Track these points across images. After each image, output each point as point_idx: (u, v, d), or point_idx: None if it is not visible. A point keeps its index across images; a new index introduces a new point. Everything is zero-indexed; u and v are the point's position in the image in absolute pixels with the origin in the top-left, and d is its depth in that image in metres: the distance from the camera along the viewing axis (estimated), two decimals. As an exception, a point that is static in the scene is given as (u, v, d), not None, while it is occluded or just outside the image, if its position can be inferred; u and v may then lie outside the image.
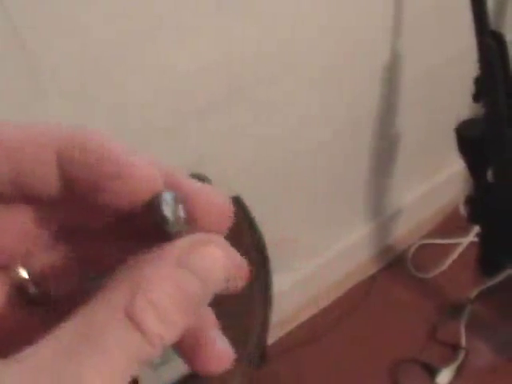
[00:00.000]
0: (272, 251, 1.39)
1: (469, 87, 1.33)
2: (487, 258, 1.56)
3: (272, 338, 1.62)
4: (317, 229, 1.69)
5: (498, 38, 1.28)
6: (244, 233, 1.32)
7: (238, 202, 1.28)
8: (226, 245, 0.27)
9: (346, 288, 1.81)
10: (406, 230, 1.90)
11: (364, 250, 1.84)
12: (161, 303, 0.24)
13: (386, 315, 1.73)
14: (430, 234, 1.91)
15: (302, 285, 1.72)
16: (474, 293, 1.71)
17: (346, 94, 1.51)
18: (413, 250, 1.88)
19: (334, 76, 1.45)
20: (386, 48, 1.52)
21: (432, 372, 1.58)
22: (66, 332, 0.23)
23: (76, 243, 0.29)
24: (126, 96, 1.16)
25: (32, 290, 0.28)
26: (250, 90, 1.32)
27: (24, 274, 0.28)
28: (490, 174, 1.41)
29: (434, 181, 1.89)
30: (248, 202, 1.31)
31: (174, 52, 1.18)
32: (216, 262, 0.26)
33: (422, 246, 1.89)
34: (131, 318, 0.24)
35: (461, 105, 1.54)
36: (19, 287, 0.28)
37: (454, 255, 1.83)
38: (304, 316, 1.75)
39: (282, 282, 1.61)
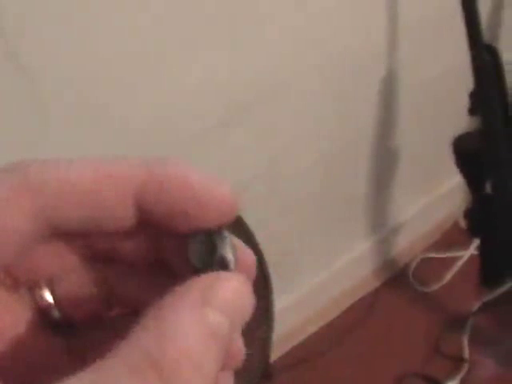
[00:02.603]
0: (273, 268, 1.40)
1: (465, 101, 1.34)
2: (488, 271, 1.56)
3: (275, 354, 1.61)
4: (317, 245, 1.69)
5: (492, 52, 1.29)
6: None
7: (238, 220, 1.29)
8: (246, 280, 0.25)
9: (348, 303, 1.81)
10: (407, 245, 1.90)
11: (365, 265, 1.84)
12: (194, 353, 0.22)
13: (389, 329, 1.73)
14: (430, 248, 1.91)
15: (303, 301, 1.72)
16: (476, 305, 1.71)
17: (343, 108, 1.51)
18: (414, 264, 1.88)
19: (330, 91, 1.46)
20: (382, 63, 1.53)
21: (436, 385, 1.59)
22: None
23: (104, 271, 0.29)
24: (128, 113, 1.17)
25: (55, 314, 0.28)
26: (251, 108, 1.33)
27: (49, 297, 0.28)
28: (488, 187, 1.41)
29: (434, 194, 1.90)
30: (248, 220, 1.32)
31: (177, 71, 1.19)
32: (238, 297, 0.25)
33: (424, 260, 1.89)
34: (161, 371, 0.21)
35: (457, 118, 1.54)
36: (43, 310, 0.27)
37: (456, 268, 1.83)
38: (307, 332, 1.75)
39: (283, 299, 1.61)
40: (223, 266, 0.26)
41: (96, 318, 0.29)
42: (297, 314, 1.71)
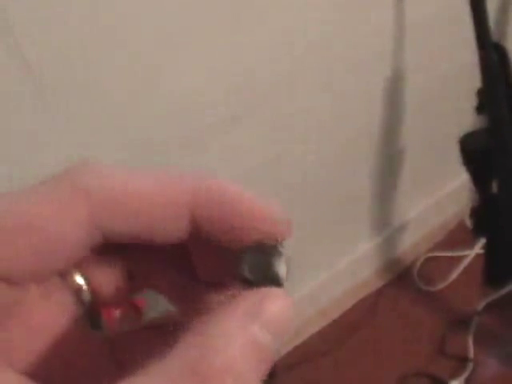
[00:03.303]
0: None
1: (472, 99, 1.34)
2: (493, 270, 1.56)
3: (279, 353, 1.61)
4: (322, 243, 1.69)
5: (500, 51, 1.29)
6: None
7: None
8: (289, 297, 0.26)
9: (353, 302, 1.81)
10: (412, 244, 1.90)
11: (370, 263, 1.84)
12: (237, 364, 0.23)
13: (394, 329, 1.73)
14: (436, 247, 1.91)
15: (308, 300, 1.72)
16: (481, 305, 1.71)
17: (348, 108, 1.51)
18: (419, 263, 1.88)
19: (335, 90, 1.46)
20: (387, 62, 1.52)
21: (440, 385, 1.59)
22: None
23: (131, 262, 0.29)
24: (134, 115, 1.16)
25: (87, 297, 0.28)
26: (254, 108, 1.33)
27: (80, 280, 0.28)
28: (494, 186, 1.41)
29: (439, 193, 1.89)
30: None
31: (183, 70, 1.18)
32: (285, 315, 0.25)
33: (429, 259, 1.88)
34: (204, 382, 0.22)
35: (463, 117, 1.54)
36: (74, 295, 0.28)
37: (461, 268, 1.83)
38: (311, 331, 1.75)
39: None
40: (275, 282, 0.26)
41: (133, 318, 0.29)
42: (301, 312, 1.71)
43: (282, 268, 0.27)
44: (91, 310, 0.28)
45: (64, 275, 0.27)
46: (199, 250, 0.28)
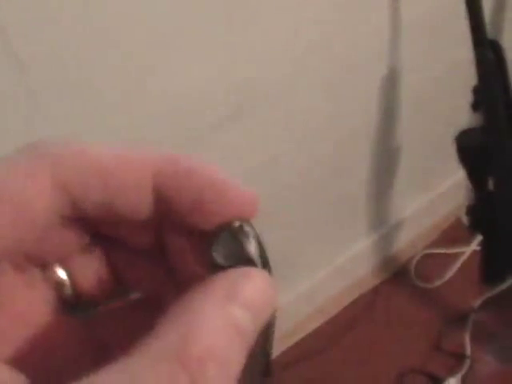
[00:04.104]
0: (274, 264, 1.39)
1: (468, 97, 1.34)
2: (490, 267, 1.56)
3: (276, 351, 1.61)
4: (319, 241, 1.69)
5: (496, 48, 1.29)
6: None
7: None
8: (268, 276, 0.26)
9: (350, 300, 1.81)
10: (409, 241, 1.90)
11: (367, 261, 1.84)
12: (218, 349, 0.22)
13: (390, 326, 1.73)
14: (432, 244, 1.91)
15: (305, 297, 1.72)
16: (477, 302, 1.71)
17: (345, 107, 1.51)
18: (416, 260, 1.88)
19: (332, 89, 1.46)
20: (385, 60, 1.52)
21: (437, 382, 1.58)
22: None
23: (109, 253, 0.29)
24: (127, 115, 1.16)
25: (68, 291, 0.27)
26: (252, 108, 1.32)
27: (62, 274, 0.27)
28: (490, 183, 1.41)
29: (436, 191, 1.90)
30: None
31: (178, 70, 1.18)
32: (264, 293, 0.25)
33: (425, 256, 1.89)
34: (187, 368, 0.21)
35: (460, 114, 1.54)
36: (56, 288, 0.27)
37: (457, 265, 1.83)
38: (308, 329, 1.75)
39: (284, 295, 1.61)
40: (248, 261, 0.26)
41: (111, 303, 0.29)
42: (298, 310, 1.71)
43: (252, 247, 0.26)
44: (73, 299, 0.28)
45: (46, 268, 0.27)
46: (172, 239, 0.28)
